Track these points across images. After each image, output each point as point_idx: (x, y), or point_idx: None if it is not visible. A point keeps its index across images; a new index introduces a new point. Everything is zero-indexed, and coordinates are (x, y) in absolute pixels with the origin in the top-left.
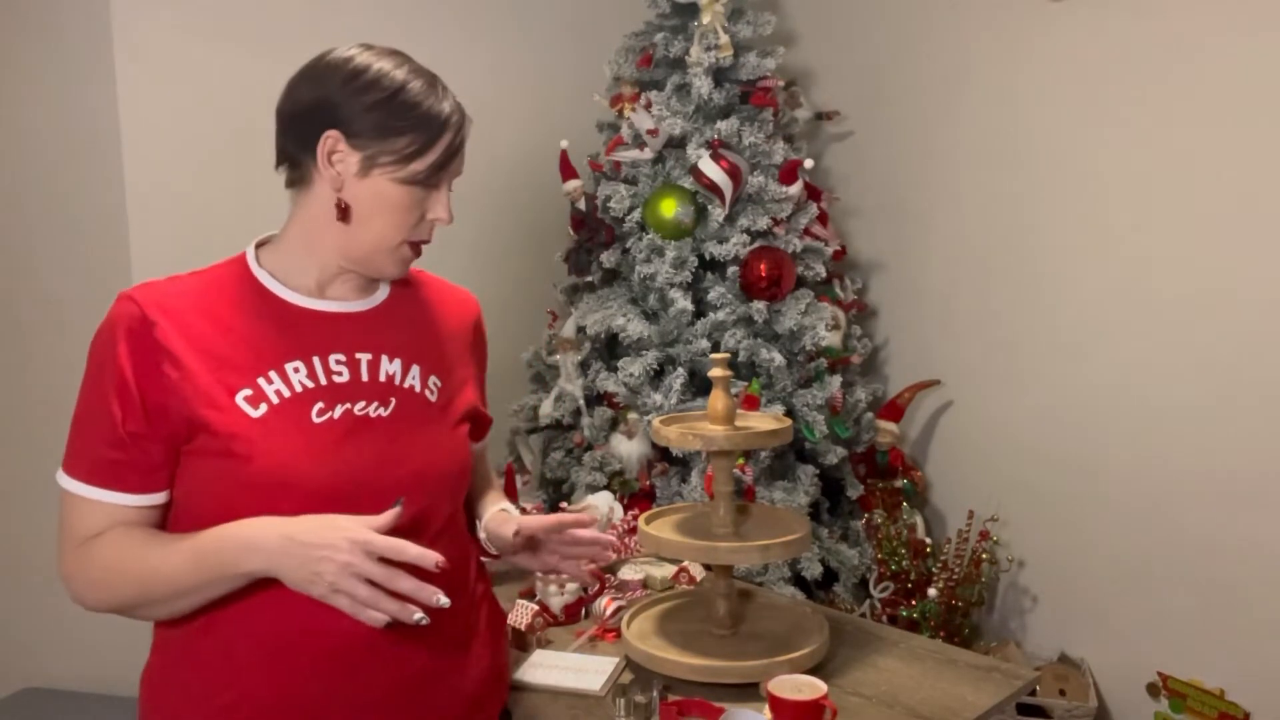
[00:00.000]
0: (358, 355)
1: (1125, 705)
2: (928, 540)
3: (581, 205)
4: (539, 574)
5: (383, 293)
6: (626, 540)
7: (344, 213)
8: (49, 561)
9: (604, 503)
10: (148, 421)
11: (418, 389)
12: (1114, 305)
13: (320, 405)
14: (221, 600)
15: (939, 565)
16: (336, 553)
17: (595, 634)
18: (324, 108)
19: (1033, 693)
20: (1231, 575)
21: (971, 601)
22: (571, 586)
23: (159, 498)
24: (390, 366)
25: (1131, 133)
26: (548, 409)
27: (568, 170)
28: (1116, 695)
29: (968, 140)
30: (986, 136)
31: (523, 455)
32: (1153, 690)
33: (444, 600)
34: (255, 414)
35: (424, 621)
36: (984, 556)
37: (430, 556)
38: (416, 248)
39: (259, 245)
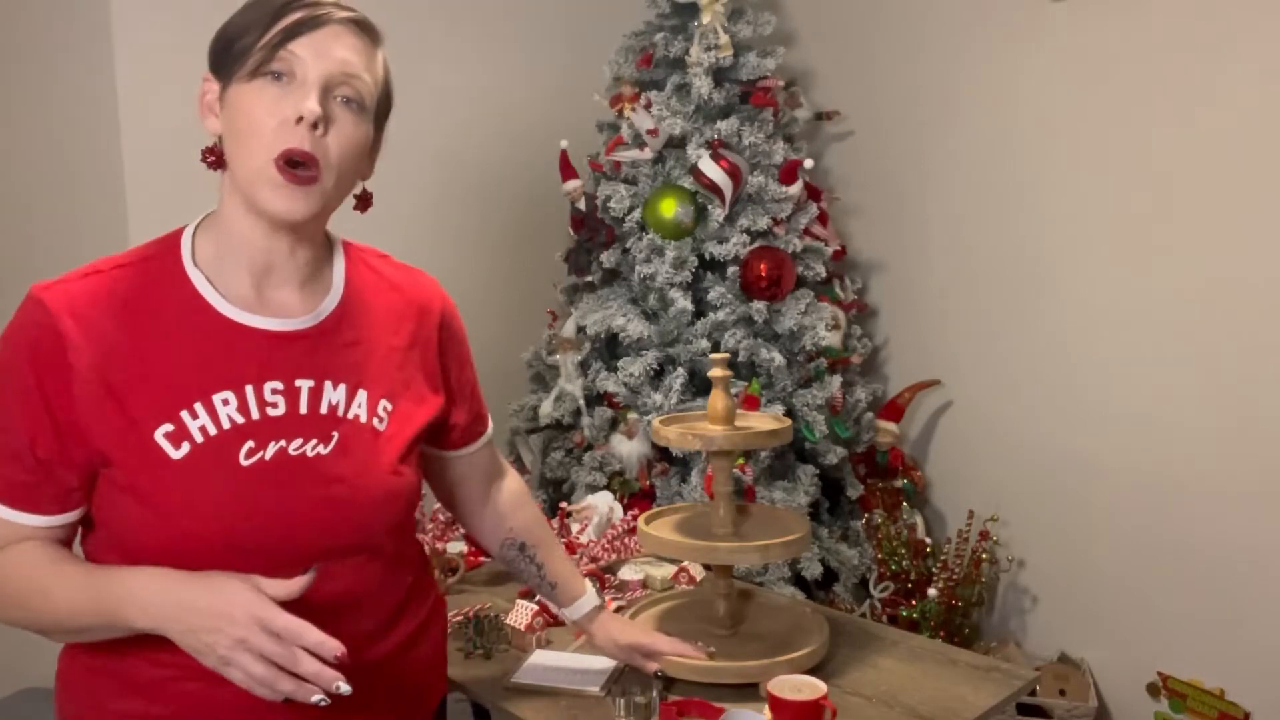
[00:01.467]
0: (298, 383)
1: (1125, 705)
2: (928, 540)
3: (581, 205)
4: None
5: (331, 300)
6: (626, 540)
7: (208, 156)
8: None
9: (604, 503)
10: (61, 445)
11: (364, 419)
12: (1114, 305)
13: (250, 445)
14: None
15: (939, 565)
16: (231, 625)
17: None
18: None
19: (1033, 693)
20: (1231, 575)
21: (971, 601)
22: None
23: (70, 517)
24: (334, 395)
25: (1132, 132)
26: (548, 409)
27: (568, 170)
28: (1116, 695)
29: (968, 140)
30: (987, 136)
31: (523, 455)
32: (1153, 690)
33: (345, 688)
34: (176, 455)
35: (324, 703)
36: (984, 556)
37: (330, 646)
38: (287, 168)
39: (199, 224)
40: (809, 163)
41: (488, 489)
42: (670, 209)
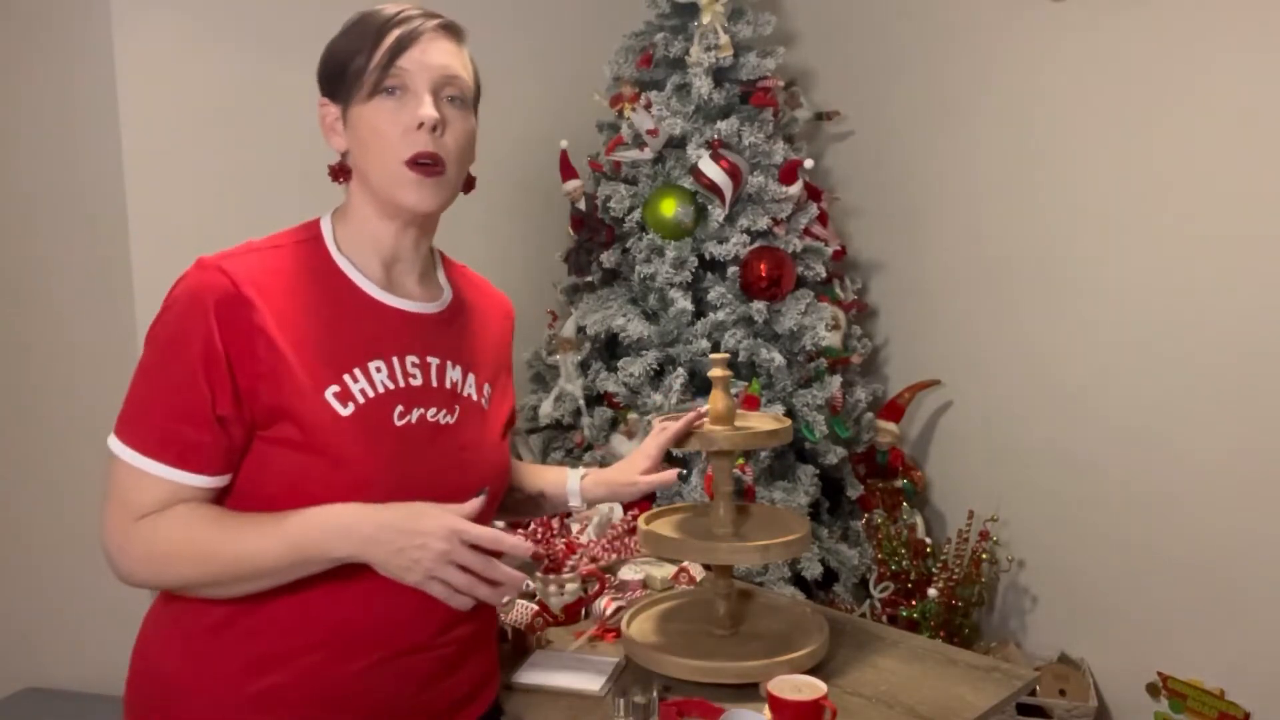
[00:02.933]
0: (429, 359)
1: (1125, 705)
2: (928, 540)
3: (581, 205)
4: (539, 574)
5: (446, 295)
6: (626, 540)
7: (336, 173)
8: (49, 561)
9: (604, 503)
10: (237, 404)
11: (475, 397)
12: (1114, 305)
13: (400, 408)
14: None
15: (939, 565)
16: (434, 540)
17: (595, 634)
18: (320, 90)
19: (1033, 693)
20: (1232, 575)
21: (971, 601)
22: (571, 586)
23: (226, 479)
24: (453, 373)
25: (1132, 132)
26: (548, 409)
27: (568, 170)
28: (1116, 695)
29: (967, 139)
30: (986, 135)
31: (523, 455)
32: (1153, 690)
33: (533, 584)
34: (344, 412)
35: (510, 601)
36: (984, 556)
37: (524, 547)
38: (417, 166)
39: (333, 215)
40: (809, 163)
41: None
42: (670, 209)
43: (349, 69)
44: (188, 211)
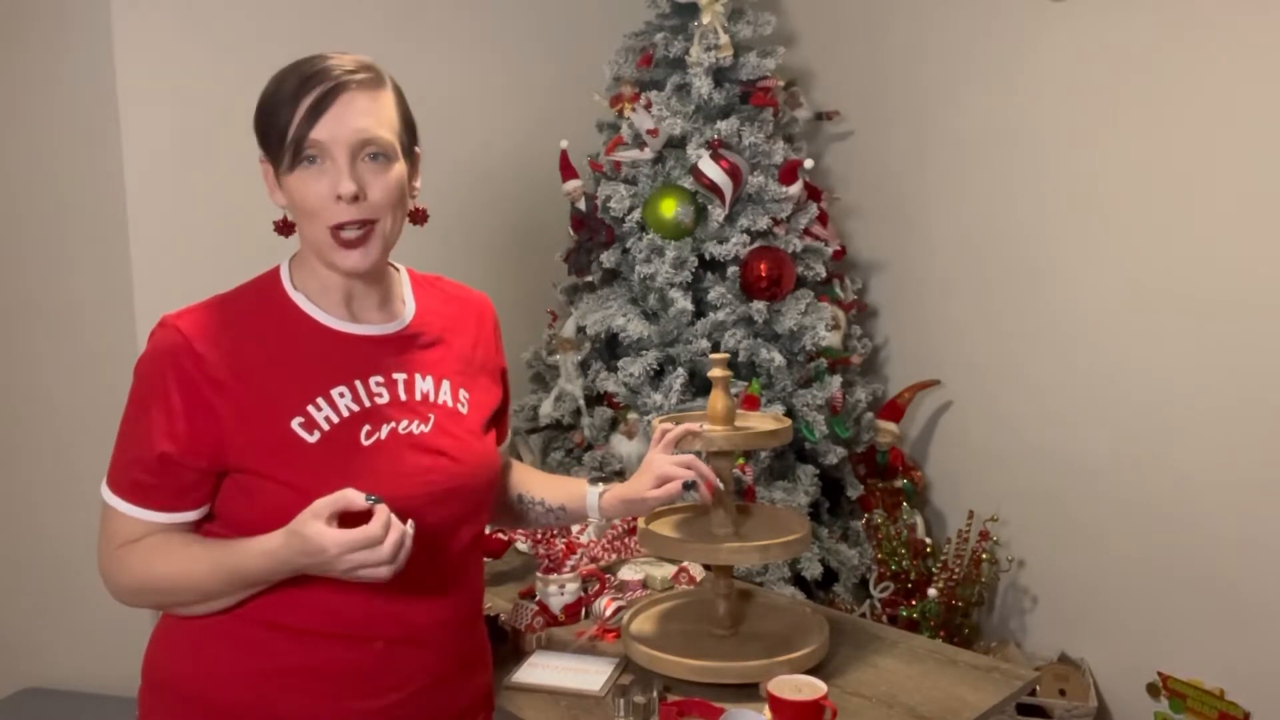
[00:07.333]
0: (394, 376)
1: (1125, 705)
2: (928, 540)
3: (581, 205)
4: (539, 574)
5: (409, 312)
6: (626, 540)
7: (280, 228)
8: (49, 562)
9: None
10: (192, 452)
11: (450, 404)
12: (1114, 305)
13: (367, 428)
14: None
15: (939, 565)
16: (336, 557)
17: (595, 634)
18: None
19: (1033, 693)
20: (1232, 575)
21: (971, 601)
22: (571, 586)
23: (192, 514)
24: (424, 384)
25: (1131, 131)
26: (548, 409)
27: (568, 170)
28: (1116, 695)
29: (968, 140)
30: (987, 136)
31: (523, 455)
32: (1153, 690)
33: (411, 528)
34: (311, 440)
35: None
36: (984, 556)
37: (394, 529)
38: (345, 239)
39: (291, 260)
40: (809, 163)
41: (527, 475)
42: (670, 209)
43: (272, 131)
44: (188, 212)
